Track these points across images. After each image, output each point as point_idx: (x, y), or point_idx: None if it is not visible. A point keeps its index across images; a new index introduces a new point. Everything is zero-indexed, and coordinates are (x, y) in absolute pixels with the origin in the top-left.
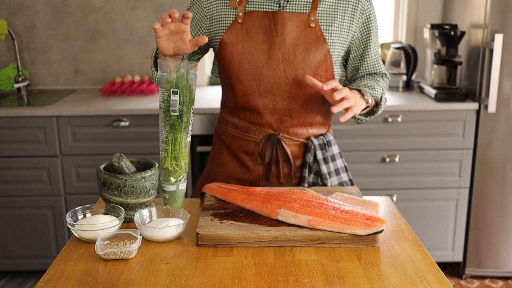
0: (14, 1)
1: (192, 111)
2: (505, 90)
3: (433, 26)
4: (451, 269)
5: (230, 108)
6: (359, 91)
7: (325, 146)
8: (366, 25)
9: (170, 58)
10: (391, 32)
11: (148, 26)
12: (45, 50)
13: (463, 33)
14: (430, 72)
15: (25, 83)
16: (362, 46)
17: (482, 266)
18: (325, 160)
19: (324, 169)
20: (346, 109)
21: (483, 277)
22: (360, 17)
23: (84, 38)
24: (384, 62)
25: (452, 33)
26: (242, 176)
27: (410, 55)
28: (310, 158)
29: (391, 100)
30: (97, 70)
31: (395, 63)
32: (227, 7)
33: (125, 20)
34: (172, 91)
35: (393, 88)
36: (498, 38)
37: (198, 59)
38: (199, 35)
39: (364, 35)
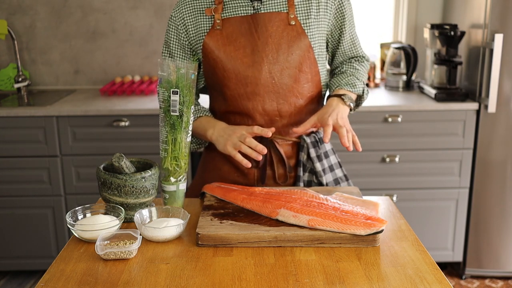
0: (14, 1)
1: (192, 111)
2: (505, 90)
3: (433, 26)
4: (451, 269)
5: (219, 113)
6: (341, 97)
7: (317, 143)
8: (340, 10)
9: (170, 58)
10: (391, 32)
11: (148, 26)
12: (45, 50)
13: (463, 33)
14: (430, 72)
15: (25, 83)
16: (338, 32)
17: (482, 266)
18: (319, 158)
19: (318, 166)
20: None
21: (483, 277)
22: (333, 4)
23: (84, 38)
24: (384, 62)
25: (452, 33)
26: (237, 179)
27: (410, 55)
28: (303, 156)
29: (391, 100)
30: (97, 70)
31: (395, 63)
32: (203, 15)
33: (125, 20)
34: (172, 91)
35: (393, 88)
36: (498, 38)
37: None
38: (185, 52)
39: (339, 20)
